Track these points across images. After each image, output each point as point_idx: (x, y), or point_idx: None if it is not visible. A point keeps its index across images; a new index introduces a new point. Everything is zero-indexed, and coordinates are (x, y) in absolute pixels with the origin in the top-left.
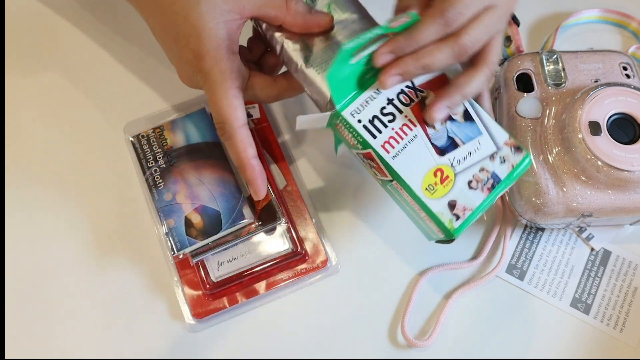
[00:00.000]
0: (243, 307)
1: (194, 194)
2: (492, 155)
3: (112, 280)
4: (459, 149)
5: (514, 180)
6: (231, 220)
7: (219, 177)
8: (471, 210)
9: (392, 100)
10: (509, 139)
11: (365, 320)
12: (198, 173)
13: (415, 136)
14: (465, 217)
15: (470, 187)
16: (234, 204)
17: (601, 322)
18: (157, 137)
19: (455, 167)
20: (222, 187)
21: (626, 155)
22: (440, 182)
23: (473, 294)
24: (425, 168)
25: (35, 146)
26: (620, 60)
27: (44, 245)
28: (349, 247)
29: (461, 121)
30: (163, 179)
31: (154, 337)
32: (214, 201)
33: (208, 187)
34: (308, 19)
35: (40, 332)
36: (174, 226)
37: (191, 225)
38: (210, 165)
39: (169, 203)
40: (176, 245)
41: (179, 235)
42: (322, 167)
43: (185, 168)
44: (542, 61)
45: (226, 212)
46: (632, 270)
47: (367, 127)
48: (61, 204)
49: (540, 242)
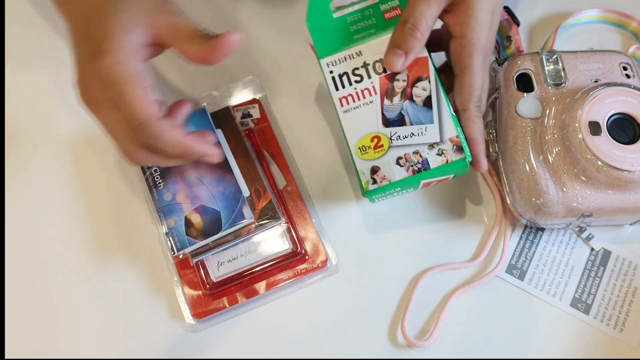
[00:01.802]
0: (243, 307)
1: (194, 194)
2: (432, 145)
3: (112, 281)
4: (403, 127)
5: (444, 175)
6: (231, 220)
7: (219, 176)
8: (388, 182)
9: (367, 64)
10: (455, 137)
11: (365, 320)
12: (198, 173)
13: (370, 102)
14: (381, 185)
15: (397, 162)
16: (234, 204)
17: (601, 322)
18: None
19: (392, 141)
20: (222, 186)
21: (626, 155)
22: (373, 148)
23: (473, 294)
24: (365, 131)
25: (35, 146)
26: (620, 60)
27: (44, 245)
28: (349, 247)
29: (419, 105)
30: (163, 179)
31: (154, 337)
32: (214, 201)
33: (208, 187)
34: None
35: (40, 332)
36: (174, 226)
37: (191, 225)
38: (209, 165)
39: (169, 203)
40: (176, 245)
41: (179, 236)
42: (322, 167)
43: (185, 168)
44: (542, 61)
45: (226, 212)
46: (632, 270)
47: (334, 79)
48: (61, 204)
49: (540, 242)
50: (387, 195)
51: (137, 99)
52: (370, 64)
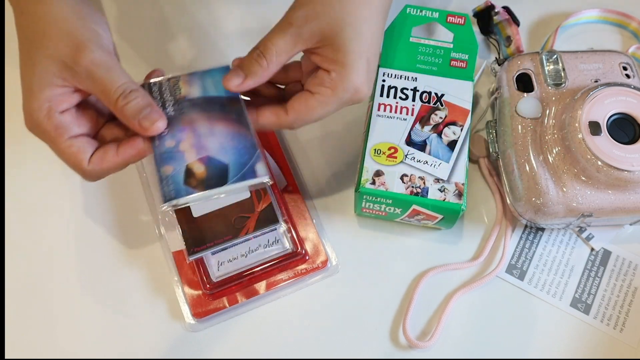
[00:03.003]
0: (243, 307)
1: (201, 144)
2: (438, 179)
3: (112, 280)
4: (421, 153)
5: (435, 212)
6: (240, 174)
7: (234, 131)
8: (385, 189)
9: (417, 90)
10: (461, 184)
11: (366, 321)
12: (210, 124)
13: (404, 119)
14: (377, 188)
15: (402, 178)
16: (247, 159)
17: (601, 322)
18: (170, 86)
19: (406, 158)
20: (236, 141)
21: (626, 155)
22: (387, 155)
23: (474, 294)
24: (387, 138)
25: (35, 145)
26: (620, 60)
27: (43, 245)
28: (349, 247)
29: (444, 143)
30: (169, 126)
31: (154, 337)
32: (223, 153)
33: (219, 139)
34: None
35: (40, 332)
36: (171, 173)
37: (192, 175)
38: (225, 119)
39: (169, 149)
40: (170, 193)
41: (175, 184)
42: (322, 167)
43: (197, 118)
44: (542, 61)
45: (236, 166)
46: (632, 270)
47: (383, 87)
48: (61, 204)
49: (540, 242)
50: (375, 204)
51: (62, 153)
52: (420, 91)
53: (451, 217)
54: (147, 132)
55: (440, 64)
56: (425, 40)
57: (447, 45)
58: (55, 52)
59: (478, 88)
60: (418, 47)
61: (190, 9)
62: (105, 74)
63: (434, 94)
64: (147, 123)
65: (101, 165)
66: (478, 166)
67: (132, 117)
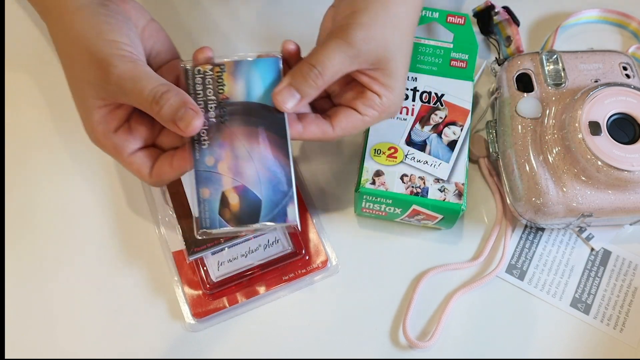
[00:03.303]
0: (243, 307)
1: (238, 169)
2: (438, 179)
3: (112, 280)
4: (421, 153)
5: (435, 212)
6: (272, 215)
7: (272, 157)
8: (385, 189)
9: (417, 90)
10: (461, 184)
11: (366, 321)
12: (249, 144)
13: (404, 119)
14: (377, 188)
15: (402, 178)
16: (280, 198)
17: (601, 322)
18: (214, 79)
19: (406, 158)
20: (272, 172)
21: (626, 155)
22: (387, 155)
23: (474, 295)
24: (387, 139)
25: (35, 145)
26: (620, 60)
27: (43, 244)
28: (349, 247)
29: (444, 143)
30: (209, 137)
31: (154, 337)
32: (258, 185)
33: (256, 166)
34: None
35: (40, 332)
36: (208, 198)
37: (227, 204)
38: (265, 139)
39: (209, 169)
40: (205, 221)
41: (211, 212)
42: (322, 167)
43: (237, 133)
44: (542, 61)
45: (268, 203)
46: (632, 270)
47: None
48: (60, 203)
49: (540, 242)
50: (375, 204)
51: (127, 168)
52: (420, 91)
53: (451, 217)
54: (185, 134)
55: (440, 64)
56: (425, 40)
57: (447, 45)
58: (86, 76)
59: (478, 88)
60: (418, 47)
61: (205, 5)
62: (134, 86)
63: (434, 94)
64: (182, 124)
65: (161, 177)
66: (478, 166)
67: (169, 121)
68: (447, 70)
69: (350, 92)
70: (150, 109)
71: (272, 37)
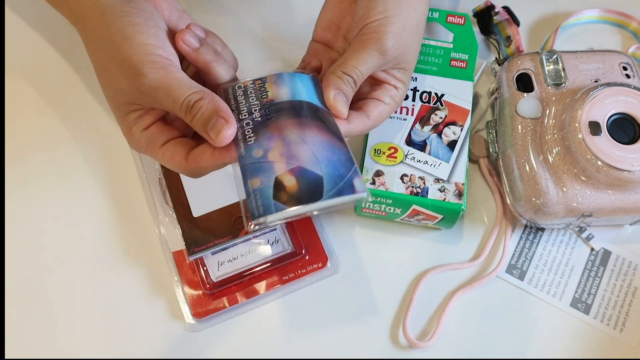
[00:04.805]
0: (243, 307)
1: (291, 153)
2: (438, 179)
3: (112, 280)
4: (421, 153)
5: (435, 212)
6: (337, 189)
7: (328, 140)
8: (385, 189)
9: (417, 90)
10: (461, 184)
11: (366, 321)
12: (301, 131)
13: (404, 119)
14: (377, 188)
15: (402, 178)
16: (343, 172)
17: (601, 322)
18: (256, 89)
19: (406, 158)
20: (330, 151)
21: (626, 155)
22: (387, 155)
23: (474, 294)
24: (387, 139)
25: (34, 145)
26: (620, 60)
27: (43, 244)
28: (349, 247)
29: (444, 143)
30: (255, 134)
31: (154, 337)
32: (316, 164)
33: (311, 148)
34: None
35: (40, 332)
36: (259, 187)
37: (282, 188)
38: (317, 127)
39: (257, 160)
40: (258, 209)
41: (264, 199)
42: None
43: (286, 124)
44: (542, 61)
45: (331, 179)
46: (632, 270)
47: None
48: (60, 203)
49: (540, 242)
50: (375, 204)
51: (162, 161)
52: (420, 91)
53: (451, 217)
54: (216, 144)
55: (440, 64)
56: (425, 40)
57: (447, 45)
58: (119, 85)
59: (478, 88)
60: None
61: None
62: (166, 97)
63: (434, 94)
64: (213, 134)
65: (199, 164)
66: (478, 166)
67: (202, 130)
68: (447, 70)
69: (366, 86)
70: (184, 118)
71: (273, 37)
